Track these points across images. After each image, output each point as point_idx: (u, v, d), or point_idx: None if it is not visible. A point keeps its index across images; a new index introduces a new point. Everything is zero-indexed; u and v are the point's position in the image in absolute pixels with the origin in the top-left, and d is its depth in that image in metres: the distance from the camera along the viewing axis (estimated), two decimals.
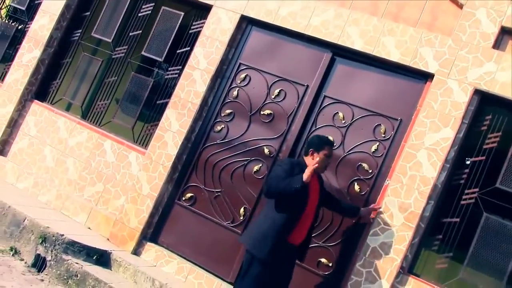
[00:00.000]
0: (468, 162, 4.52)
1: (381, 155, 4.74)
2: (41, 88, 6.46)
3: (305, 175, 3.86)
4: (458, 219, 4.44)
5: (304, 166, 4.10)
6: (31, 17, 6.71)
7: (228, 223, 5.11)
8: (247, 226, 4.93)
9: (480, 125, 4.54)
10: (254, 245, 4.01)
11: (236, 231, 5.02)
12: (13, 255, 4.84)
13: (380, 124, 4.81)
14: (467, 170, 4.51)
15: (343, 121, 4.94)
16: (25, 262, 4.78)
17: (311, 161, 4.11)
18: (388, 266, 4.36)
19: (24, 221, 4.94)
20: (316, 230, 4.71)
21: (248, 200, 5.08)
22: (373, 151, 4.77)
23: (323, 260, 4.70)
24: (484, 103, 4.53)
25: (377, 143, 4.78)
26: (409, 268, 4.45)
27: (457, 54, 4.56)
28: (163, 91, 5.83)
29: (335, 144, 4.79)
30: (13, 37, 6.89)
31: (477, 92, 4.48)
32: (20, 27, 6.87)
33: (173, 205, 5.37)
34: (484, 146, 4.49)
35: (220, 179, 5.26)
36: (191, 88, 5.46)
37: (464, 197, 4.47)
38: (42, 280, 4.56)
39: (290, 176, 3.95)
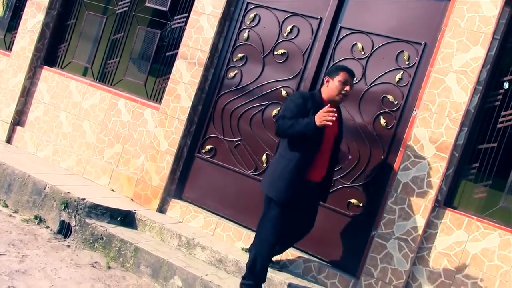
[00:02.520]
0: (506, 86, 4.15)
1: (407, 84, 4.40)
2: (49, 53, 6.28)
3: (318, 121, 3.55)
4: (495, 144, 4.12)
5: (318, 98, 3.84)
6: None
7: (251, 172, 4.92)
8: None
9: None
10: (269, 188, 3.85)
11: (260, 179, 4.81)
12: (38, 223, 4.79)
13: (402, 51, 4.44)
14: (502, 91, 4.14)
15: (363, 52, 4.59)
16: (51, 230, 4.73)
17: (327, 89, 3.86)
18: (422, 200, 4.11)
19: (45, 188, 4.87)
20: (343, 170, 4.49)
21: (269, 146, 4.86)
22: (398, 81, 4.43)
23: (352, 200, 4.48)
24: None
25: (401, 72, 4.43)
26: (445, 201, 4.19)
27: None
28: (171, 42, 5.56)
29: (356, 78, 4.44)
30: (17, 4, 6.68)
31: (509, 2, 4.05)
32: None
33: (193, 158, 5.20)
34: None
35: (239, 127, 5.03)
36: (199, 36, 5.16)
37: (500, 120, 4.13)
38: (69, 246, 4.51)
39: (303, 111, 3.69)
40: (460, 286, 4.03)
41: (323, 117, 3.53)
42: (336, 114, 3.55)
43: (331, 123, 3.53)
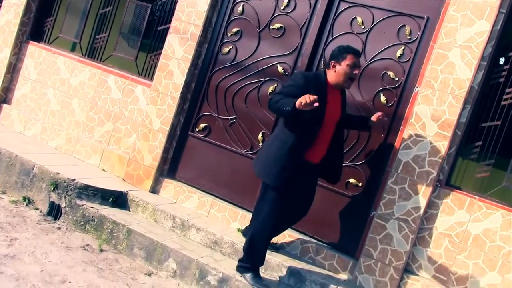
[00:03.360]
0: (501, 62, 4.01)
1: (408, 60, 4.24)
2: (36, 27, 6.03)
3: (298, 101, 3.34)
4: (499, 122, 3.99)
5: (322, 81, 3.70)
6: None
7: (247, 151, 4.78)
8: None
9: None
10: (262, 172, 3.76)
11: None
12: (27, 205, 4.63)
13: (404, 25, 4.27)
14: (507, 67, 4.00)
15: (363, 27, 4.42)
16: (40, 211, 4.58)
17: (334, 75, 3.72)
18: (423, 180, 3.99)
19: (33, 169, 4.70)
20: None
21: (265, 124, 4.70)
22: (399, 56, 4.27)
23: (351, 180, 4.36)
24: None
25: (403, 47, 4.27)
26: (446, 180, 4.08)
27: None
28: (163, 16, 5.34)
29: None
30: None
31: None
32: None
33: (187, 137, 5.03)
34: None
35: (234, 105, 4.86)
36: (192, 9, 4.95)
37: (504, 97, 3.99)
38: (59, 228, 4.37)
39: (303, 93, 3.53)
40: (461, 267, 3.95)
41: (303, 101, 3.32)
42: (317, 104, 3.34)
43: (308, 108, 3.35)
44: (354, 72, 3.71)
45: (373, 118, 3.96)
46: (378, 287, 4.05)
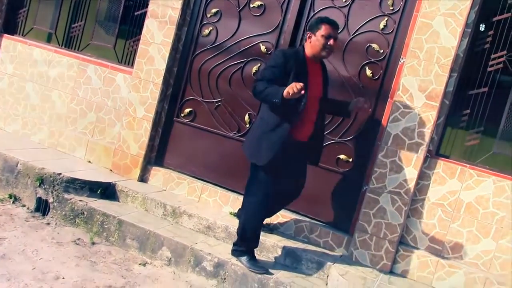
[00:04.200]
0: (482, 29, 3.98)
1: (392, 31, 4.19)
2: (8, 20, 5.83)
3: (285, 92, 3.32)
4: (486, 89, 3.98)
5: (301, 56, 3.63)
6: None
7: (234, 133, 4.71)
8: None
9: None
10: (249, 152, 3.72)
11: (243, 140, 4.59)
12: (13, 202, 4.53)
13: None
14: (491, 32, 3.96)
15: (344, 0, 4.34)
16: (28, 208, 4.48)
17: (309, 46, 3.66)
18: (414, 152, 3.97)
19: (17, 165, 4.59)
20: (330, 125, 4.31)
21: (251, 105, 4.63)
22: (382, 28, 4.21)
23: (341, 156, 4.32)
24: None
25: (386, 18, 4.21)
26: (436, 150, 4.07)
27: None
28: (139, 0, 5.20)
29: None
30: None
31: None
32: None
33: (172, 123, 4.95)
34: (510, 1, 3.90)
35: (218, 87, 4.78)
36: None
37: (490, 63, 3.97)
38: (48, 224, 4.28)
39: (284, 72, 3.48)
40: (456, 236, 3.96)
41: (291, 91, 3.31)
42: (303, 91, 3.33)
43: (296, 96, 3.34)
44: (329, 43, 3.62)
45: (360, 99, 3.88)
46: (374, 261, 4.05)
